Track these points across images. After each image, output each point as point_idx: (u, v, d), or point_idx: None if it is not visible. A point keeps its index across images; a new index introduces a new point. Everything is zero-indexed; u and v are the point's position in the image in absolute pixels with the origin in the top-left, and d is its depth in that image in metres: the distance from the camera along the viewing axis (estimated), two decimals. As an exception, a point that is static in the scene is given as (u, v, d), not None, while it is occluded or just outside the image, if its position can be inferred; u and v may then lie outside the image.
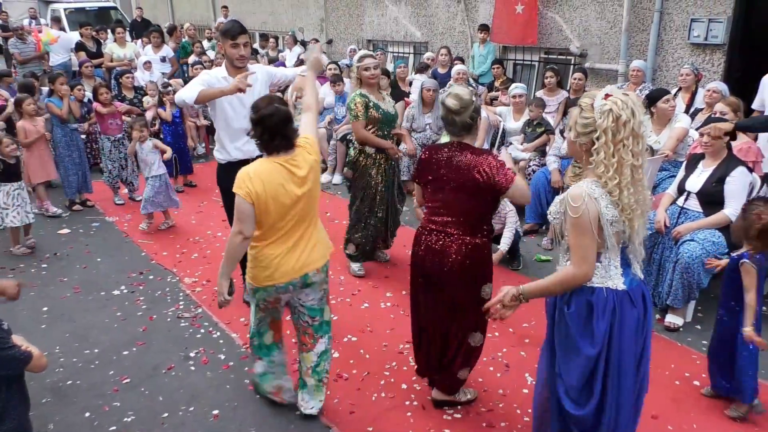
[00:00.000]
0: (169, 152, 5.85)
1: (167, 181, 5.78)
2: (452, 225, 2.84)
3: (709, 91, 5.31)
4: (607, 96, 2.09)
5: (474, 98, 2.89)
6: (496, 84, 7.61)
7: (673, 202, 4.14)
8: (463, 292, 2.89)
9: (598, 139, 2.09)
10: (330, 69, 7.94)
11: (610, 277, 2.24)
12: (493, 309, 2.40)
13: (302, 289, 2.91)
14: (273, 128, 2.70)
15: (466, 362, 3.08)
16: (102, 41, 10.11)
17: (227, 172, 3.86)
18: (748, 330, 2.92)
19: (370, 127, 4.46)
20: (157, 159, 5.70)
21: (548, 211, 2.33)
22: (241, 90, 3.49)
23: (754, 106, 5.24)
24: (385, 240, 4.86)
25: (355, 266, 4.78)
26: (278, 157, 2.75)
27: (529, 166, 5.90)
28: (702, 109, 5.41)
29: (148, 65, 8.88)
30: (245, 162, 3.80)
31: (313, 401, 3.10)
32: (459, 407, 3.20)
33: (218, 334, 3.95)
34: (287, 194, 2.73)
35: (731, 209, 3.80)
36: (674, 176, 4.39)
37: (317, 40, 10.96)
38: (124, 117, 6.58)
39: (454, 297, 2.90)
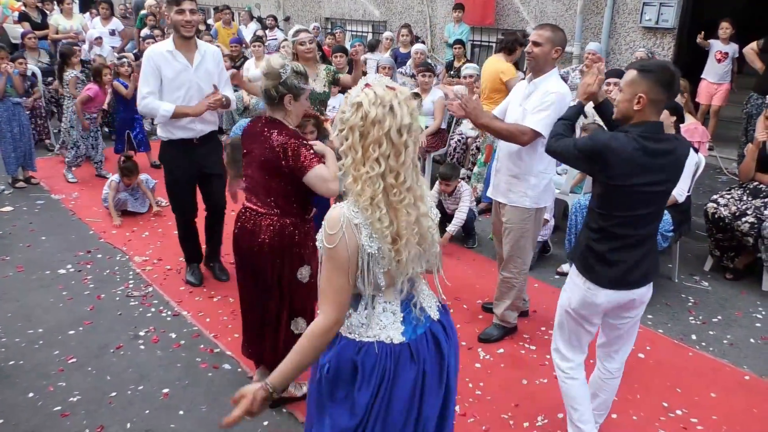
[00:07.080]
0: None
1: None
2: (263, 204, 2.73)
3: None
4: (366, 86, 1.65)
5: (287, 74, 2.60)
6: (456, 64, 7.59)
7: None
8: (276, 274, 2.75)
9: (346, 139, 1.64)
10: (283, 47, 7.76)
11: (385, 328, 1.74)
12: (236, 420, 1.70)
13: None
14: None
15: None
16: (48, 12, 9.65)
17: (170, 149, 3.93)
18: None
19: None
20: None
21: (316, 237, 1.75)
22: (212, 108, 3.77)
23: None
24: None
25: None
26: None
27: (476, 142, 6.04)
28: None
29: (99, 41, 8.55)
30: (188, 141, 3.86)
31: None
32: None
33: (169, 312, 3.87)
34: None
35: (678, 189, 3.90)
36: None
37: (275, 17, 10.75)
38: None
39: (266, 278, 2.76)
